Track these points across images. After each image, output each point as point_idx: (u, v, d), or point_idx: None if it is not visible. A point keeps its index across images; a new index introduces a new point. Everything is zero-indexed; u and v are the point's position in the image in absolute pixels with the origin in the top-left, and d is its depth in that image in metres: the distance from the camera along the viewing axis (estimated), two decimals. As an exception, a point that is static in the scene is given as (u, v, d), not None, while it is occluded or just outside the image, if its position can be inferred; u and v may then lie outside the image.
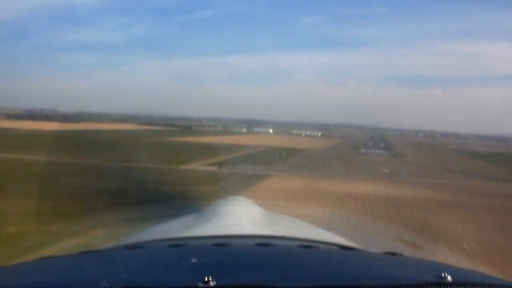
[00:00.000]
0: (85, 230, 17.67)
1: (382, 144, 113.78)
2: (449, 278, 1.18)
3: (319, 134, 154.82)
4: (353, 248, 2.00)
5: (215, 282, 1.13)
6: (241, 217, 2.62)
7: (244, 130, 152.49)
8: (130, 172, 43.09)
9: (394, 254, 1.80)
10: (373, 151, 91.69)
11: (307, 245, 1.79)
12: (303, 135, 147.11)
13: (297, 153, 72.75)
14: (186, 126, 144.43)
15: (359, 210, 30.67)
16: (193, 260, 1.39)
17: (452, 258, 14.55)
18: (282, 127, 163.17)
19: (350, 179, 48.16)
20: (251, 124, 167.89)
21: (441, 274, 1.20)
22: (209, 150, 66.65)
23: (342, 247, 1.95)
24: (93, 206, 23.24)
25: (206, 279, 1.13)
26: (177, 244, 1.79)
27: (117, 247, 2.10)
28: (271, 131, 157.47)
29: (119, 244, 2.20)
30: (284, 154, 69.74)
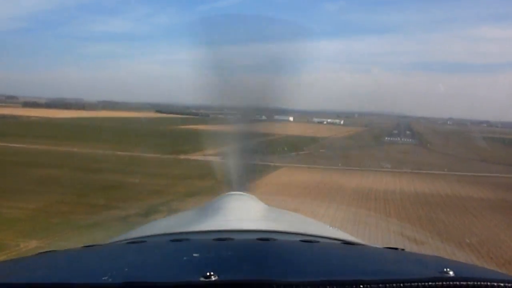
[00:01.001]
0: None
1: (408, 132, 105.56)
2: (451, 273, 1.17)
3: (342, 122, 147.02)
4: (355, 243, 1.95)
5: (216, 277, 1.12)
6: (243, 212, 2.52)
7: (263, 117, 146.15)
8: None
9: (396, 249, 1.75)
10: (399, 139, 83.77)
11: (309, 240, 1.73)
12: (325, 123, 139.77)
13: (313, 142, 66.10)
14: (204, 114, 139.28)
15: (379, 220, 23.56)
16: (195, 255, 1.36)
17: (454, 254, 13.42)
18: (304, 115, 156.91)
19: (369, 171, 41.42)
20: (272, 113, 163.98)
21: (443, 269, 1.18)
22: (217, 138, 61.00)
23: (344, 242, 1.90)
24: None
25: (207, 274, 1.12)
26: (179, 239, 1.74)
27: (118, 241, 2.05)
28: (291, 119, 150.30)
29: (121, 239, 2.12)
30: (302, 142, 63.29)
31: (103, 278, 1.14)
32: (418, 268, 1.39)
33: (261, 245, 1.65)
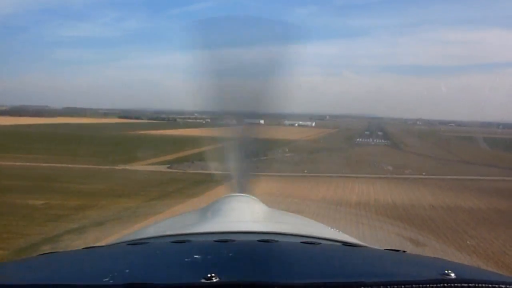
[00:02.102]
0: None
1: (380, 133, 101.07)
2: (453, 275, 1.15)
3: (313, 124, 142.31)
4: (356, 245, 1.95)
5: (218, 279, 1.11)
6: (244, 213, 2.46)
7: (233, 122, 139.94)
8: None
9: (397, 251, 1.74)
10: (371, 140, 78.56)
11: (310, 242, 1.70)
12: (296, 125, 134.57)
13: (280, 146, 59.86)
14: (171, 119, 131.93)
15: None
16: (196, 256, 1.36)
17: (455, 255, 12.79)
18: (274, 118, 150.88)
19: (339, 178, 35.29)
20: (242, 117, 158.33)
21: (444, 271, 1.17)
22: (177, 143, 54.00)
23: (345, 244, 1.90)
24: None
25: (209, 276, 1.12)
26: (180, 241, 1.69)
27: (119, 243, 2.04)
28: (261, 122, 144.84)
29: (122, 240, 2.12)
30: (265, 146, 56.98)
31: (104, 280, 1.13)
32: (420, 270, 1.37)
33: (262, 246, 1.62)
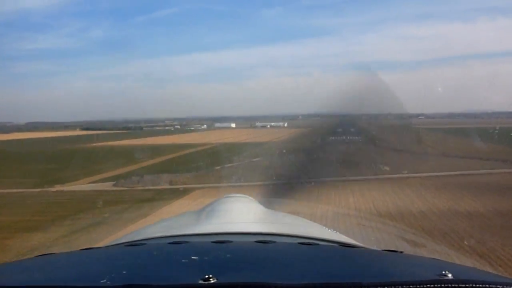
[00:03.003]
0: None
1: (352, 130, 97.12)
2: (450, 275, 1.15)
3: (285, 124, 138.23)
4: (354, 245, 1.93)
5: (215, 280, 1.10)
6: (241, 214, 2.49)
7: (203, 127, 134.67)
8: None
9: (395, 252, 1.73)
10: (344, 137, 74.30)
11: (308, 243, 1.71)
12: (268, 126, 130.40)
13: (250, 148, 54.57)
14: (137, 128, 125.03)
15: None
16: (194, 257, 1.35)
17: (453, 256, 12.64)
18: (247, 121, 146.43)
19: (311, 184, 30.31)
20: (214, 121, 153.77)
21: (442, 272, 1.17)
22: (131, 155, 47.91)
23: (343, 245, 1.88)
24: None
25: (206, 277, 1.10)
26: (177, 242, 1.68)
27: (117, 244, 2.01)
28: (233, 125, 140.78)
29: (119, 241, 2.09)
30: (231, 151, 51.55)
31: (101, 281, 1.11)
32: (417, 271, 1.35)
33: (259, 247, 1.59)
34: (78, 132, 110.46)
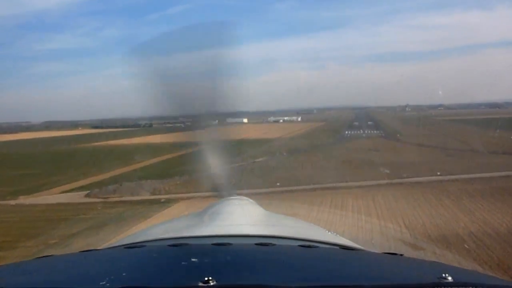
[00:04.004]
0: None
1: (370, 123, 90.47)
2: (450, 278, 1.14)
3: (299, 119, 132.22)
4: (354, 248, 1.89)
5: (215, 282, 1.09)
6: (241, 216, 2.37)
7: (214, 122, 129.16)
8: None
9: (395, 254, 1.70)
10: (361, 132, 67.70)
11: (308, 245, 1.70)
12: (281, 121, 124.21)
13: (255, 146, 48.67)
14: (146, 125, 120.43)
15: None
16: (193, 259, 1.34)
17: (453, 259, 11.92)
18: (261, 116, 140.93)
19: (324, 190, 24.27)
20: (228, 116, 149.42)
21: (442, 275, 1.15)
22: (123, 157, 42.88)
23: (343, 247, 1.85)
24: None
25: (206, 279, 1.10)
26: (177, 244, 1.67)
27: (116, 246, 2.01)
28: (245, 120, 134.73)
29: (119, 244, 2.08)
30: (234, 150, 45.74)
31: (101, 283, 1.11)
32: (417, 274, 1.36)
33: (259, 250, 1.59)
34: (87, 131, 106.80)
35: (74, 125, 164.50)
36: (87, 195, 26.10)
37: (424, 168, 29.27)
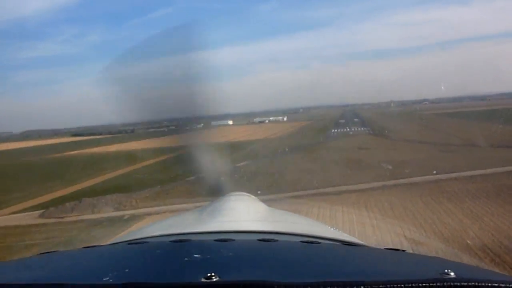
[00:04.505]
0: None
1: (356, 120, 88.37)
2: (452, 274, 1.12)
3: (285, 118, 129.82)
4: (356, 244, 1.90)
5: (218, 278, 1.08)
6: (244, 213, 2.43)
7: (200, 126, 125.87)
8: None
9: (397, 250, 1.67)
10: (348, 129, 65.29)
11: (310, 241, 1.68)
12: (266, 122, 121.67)
13: (238, 149, 45.63)
14: (129, 131, 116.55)
15: None
16: (196, 255, 1.32)
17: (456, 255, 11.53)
18: (247, 117, 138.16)
19: (309, 197, 21.41)
20: (214, 119, 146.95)
21: (444, 271, 1.13)
22: (103, 164, 39.54)
23: (345, 243, 1.84)
24: None
25: (208, 275, 1.09)
26: (180, 240, 1.66)
27: (119, 242, 1.97)
28: (230, 122, 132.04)
29: (121, 240, 2.05)
30: (215, 154, 42.65)
31: (104, 279, 1.10)
32: (419, 269, 1.34)
33: (262, 246, 1.58)
34: (66, 139, 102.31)
35: (56, 133, 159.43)
36: (41, 215, 22.73)
37: (417, 167, 26.64)
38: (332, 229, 2.37)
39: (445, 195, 19.70)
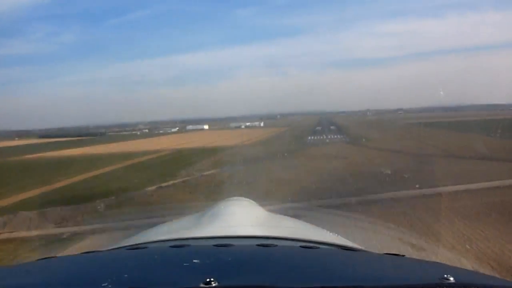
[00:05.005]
0: None
1: (333, 127, 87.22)
2: (452, 279, 1.12)
3: (262, 124, 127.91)
4: (355, 249, 1.86)
5: (217, 283, 1.08)
6: (242, 218, 2.46)
7: (173, 130, 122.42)
8: None
9: (396, 255, 1.67)
10: (324, 137, 63.41)
11: (309, 246, 1.68)
12: (242, 127, 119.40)
13: (209, 156, 42.65)
14: (98, 133, 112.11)
15: None
16: (195, 261, 1.32)
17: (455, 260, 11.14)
18: (224, 122, 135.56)
19: (277, 210, 18.53)
20: (190, 123, 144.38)
21: (444, 276, 1.13)
22: (59, 170, 35.97)
23: (344, 248, 1.82)
24: None
25: (208, 280, 1.09)
26: (179, 245, 1.67)
27: (118, 248, 1.94)
28: (206, 127, 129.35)
29: (121, 245, 2.01)
30: (183, 161, 39.67)
31: (103, 284, 1.09)
32: (419, 274, 1.33)
33: (261, 251, 1.56)
34: (32, 141, 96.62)
35: (25, 134, 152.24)
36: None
37: (398, 180, 24.44)
38: (330, 234, 2.29)
39: (430, 213, 17.40)
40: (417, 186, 22.08)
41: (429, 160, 32.01)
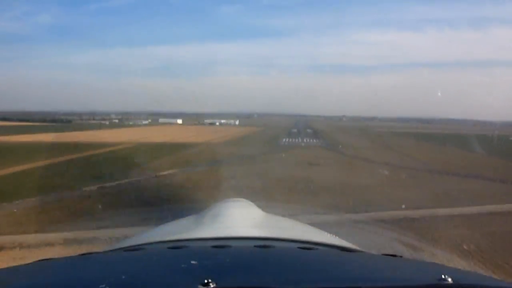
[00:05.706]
0: None
1: (309, 131, 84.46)
2: (449, 279, 1.12)
3: (237, 122, 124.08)
4: (353, 250, 1.86)
5: (214, 284, 1.08)
6: (240, 219, 2.45)
7: (145, 122, 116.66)
8: None
9: (394, 256, 1.67)
10: (299, 140, 60.07)
11: (307, 247, 1.67)
12: (217, 124, 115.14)
13: (173, 152, 38.31)
14: (64, 120, 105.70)
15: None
16: (193, 262, 1.31)
17: (452, 260, 11.27)
18: (199, 117, 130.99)
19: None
20: (164, 116, 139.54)
21: (441, 276, 1.13)
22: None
23: (342, 249, 1.82)
24: None
25: (205, 281, 1.09)
26: (177, 246, 1.66)
27: (116, 249, 1.94)
28: (179, 121, 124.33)
29: (119, 246, 2.02)
30: (143, 156, 35.14)
31: (100, 286, 1.09)
32: (417, 275, 1.33)
33: (259, 252, 1.56)
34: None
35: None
36: None
37: (381, 196, 21.00)
38: (328, 235, 2.27)
39: (424, 242, 13.91)
40: (403, 206, 18.71)
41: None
